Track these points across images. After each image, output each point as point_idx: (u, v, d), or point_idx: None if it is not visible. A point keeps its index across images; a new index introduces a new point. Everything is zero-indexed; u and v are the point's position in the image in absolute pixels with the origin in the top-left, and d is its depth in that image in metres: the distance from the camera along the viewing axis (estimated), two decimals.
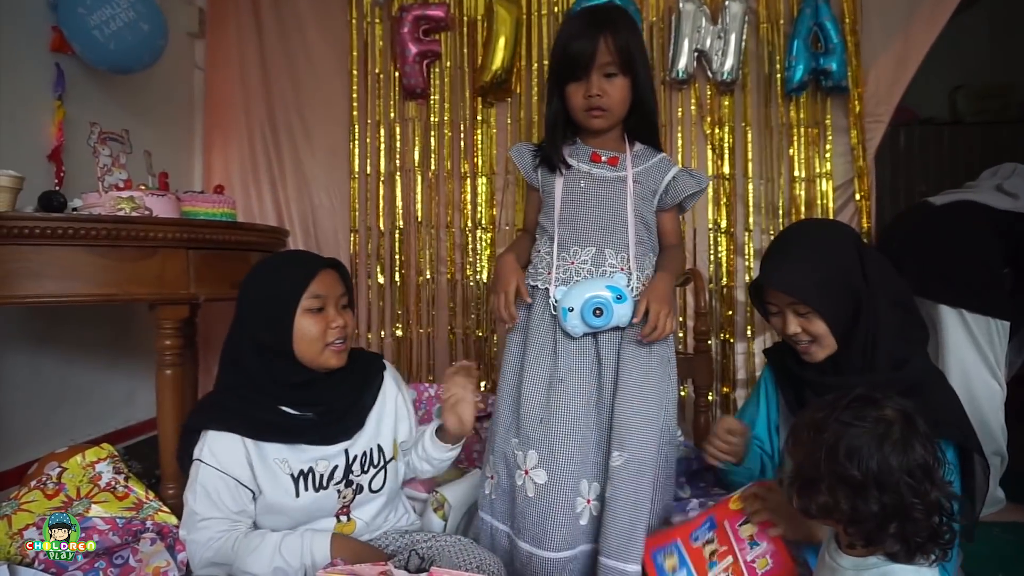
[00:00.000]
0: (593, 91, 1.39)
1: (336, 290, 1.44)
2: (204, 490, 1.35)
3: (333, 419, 1.45)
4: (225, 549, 1.34)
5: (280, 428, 1.40)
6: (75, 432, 2.30)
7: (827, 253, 1.30)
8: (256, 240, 2.07)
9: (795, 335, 1.31)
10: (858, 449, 0.86)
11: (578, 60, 1.38)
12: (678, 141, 2.98)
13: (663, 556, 1.26)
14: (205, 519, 1.35)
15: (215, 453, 1.37)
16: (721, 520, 1.21)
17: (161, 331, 1.79)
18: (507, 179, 3.01)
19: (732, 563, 1.13)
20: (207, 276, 1.86)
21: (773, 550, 1.11)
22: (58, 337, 2.30)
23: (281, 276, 1.43)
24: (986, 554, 1.92)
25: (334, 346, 1.41)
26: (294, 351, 1.39)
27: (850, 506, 0.87)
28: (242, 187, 3.07)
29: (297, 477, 1.39)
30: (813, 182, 2.94)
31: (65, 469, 1.71)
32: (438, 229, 3.03)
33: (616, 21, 1.41)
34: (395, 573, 1.03)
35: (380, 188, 3.04)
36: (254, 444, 1.38)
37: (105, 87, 2.44)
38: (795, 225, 1.60)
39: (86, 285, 1.66)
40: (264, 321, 1.40)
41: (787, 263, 1.31)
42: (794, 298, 1.27)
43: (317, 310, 1.39)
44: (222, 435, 1.37)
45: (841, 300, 1.27)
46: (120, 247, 1.68)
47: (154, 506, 1.74)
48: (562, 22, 1.55)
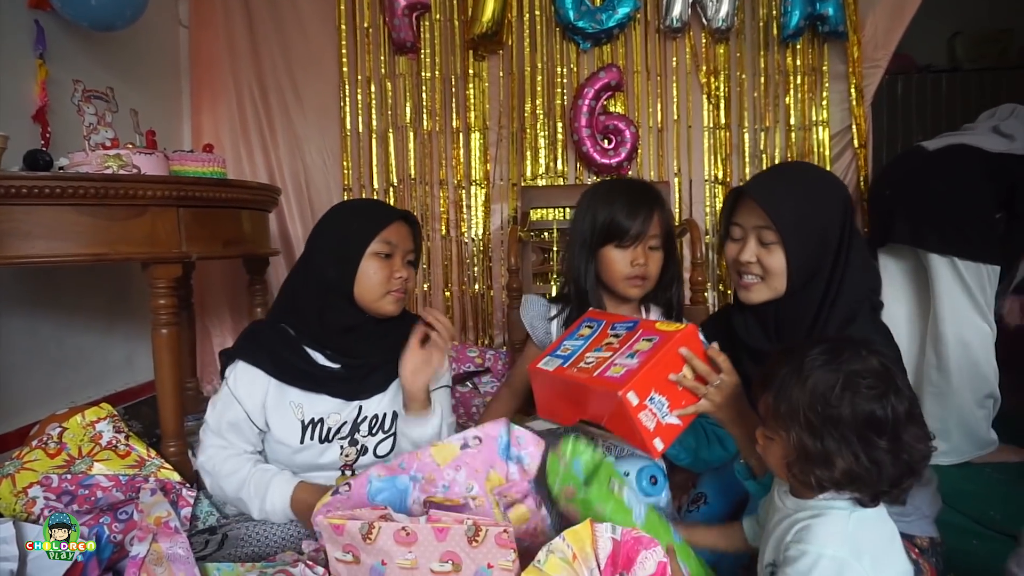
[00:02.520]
0: (640, 260, 1.44)
1: (406, 243, 1.45)
2: (220, 409, 1.43)
3: (360, 375, 1.46)
4: (213, 463, 1.42)
5: (305, 375, 1.42)
6: (75, 395, 2.31)
7: (817, 196, 1.24)
8: (248, 198, 2.05)
9: (747, 264, 1.24)
10: (827, 389, 0.88)
11: (630, 228, 1.43)
12: (673, 91, 2.94)
13: (586, 324, 1.31)
14: (212, 432, 1.44)
15: (238, 382, 1.42)
16: (640, 328, 1.21)
17: (155, 290, 1.78)
18: (500, 133, 2.98)
19: (606, 357, 1.16)
20: (199, 234, 1.85)
21: (632, 369, 1.09)
22: (54, 301, 2.30)
23: (356, 216, 1.45)
24: (979, 493, 1.96)
25: (394, 294, 1.42)
26: (354, 292, 1.40)
27: (822, 454, 0.88)
28: (232, 148, 3.03)
29: (306, 424, 1.42)
30: (809, 130, 2.90)
31: (66, 429, 1.73)
32: (432, 186, 3.00)
33: (663, 200, 1.50)
34: (395, 516, 1.04)
35: (372, 146, 3.01)
36: (277, 384, 1.42)
37: (87, 45, 2.39)
38: (797, 162, 1.57)
39: (76, 245, 1.64)
40: (332, 257, 1.41)
41: (777, 186, 1.25)
42: (768, 221, 1.20)
43: (385, 256, 1.41)
44: (250, 368, 1.41)
45: (811, 245, 1.21)
46: (109, 206, 1.66)
47: (156, 463, 1.76)
48: (603, 190, 1.55)
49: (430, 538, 1.01)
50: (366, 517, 1.04)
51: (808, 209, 1.21)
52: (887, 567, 0.92)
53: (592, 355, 1.19)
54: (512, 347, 2.37)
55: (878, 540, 0.92)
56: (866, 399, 0.88)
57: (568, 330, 1.32)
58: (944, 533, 1.32)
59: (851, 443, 0.88)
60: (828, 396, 0.89)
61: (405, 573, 1.03)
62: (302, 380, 1.43)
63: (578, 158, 2.95)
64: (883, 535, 0.94)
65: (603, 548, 1.00)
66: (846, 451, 0.88)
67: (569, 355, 1.23)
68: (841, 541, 0.89)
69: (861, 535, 0.90)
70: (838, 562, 0.88)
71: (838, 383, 0.89)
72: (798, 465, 0.92)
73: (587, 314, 1.34)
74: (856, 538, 0.90)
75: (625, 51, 2.94)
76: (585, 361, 1.19)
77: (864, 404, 0.88)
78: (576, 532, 1.01)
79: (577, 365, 1.19)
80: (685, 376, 1.12)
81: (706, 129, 2.95)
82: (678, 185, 2.96)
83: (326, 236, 1.46)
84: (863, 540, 0.90)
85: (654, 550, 0.99)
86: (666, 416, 1.10)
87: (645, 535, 1.00)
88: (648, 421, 1.08)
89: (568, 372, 1.18)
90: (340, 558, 1.06)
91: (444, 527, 1.01)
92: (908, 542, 1.18)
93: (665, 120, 2.96)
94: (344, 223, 1.45)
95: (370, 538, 1.03)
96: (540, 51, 2.95)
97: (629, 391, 1.07)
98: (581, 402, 1.18)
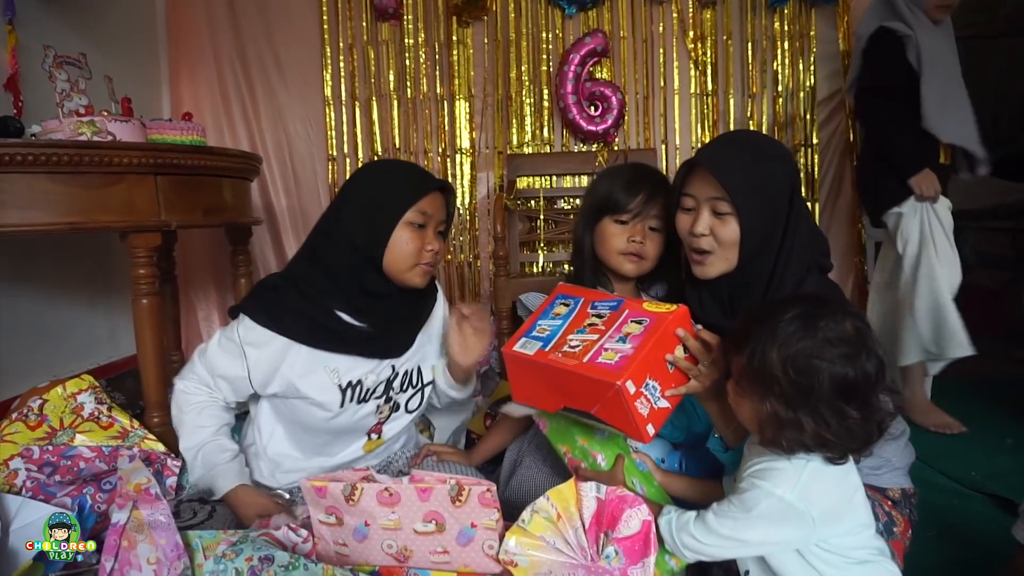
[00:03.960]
0: (637, 237, 1.41)
1: (440, 214, 1.40)
2: (221, 354, 1.38)
3: (389, 333, 1.43)
4: (187, 402, 1.40)
5: (336, 335, 1.37)
6: (57, 369, 2.29)
7: (768, 164, 1.23)
8: (228, 166, 2.01)
9: (701, 236, 1.23)
10: (804, 355, 0.88)
11: (628, 203, 1.40)
12: (659, 57, 2.90)
13: (561, 301, 1.23)
14: (204, 369, 1.40)
15: (249, 337, 1.36)
16: (625, 308, 1.15)
17: (134, 260, 1.75)
18: (485, 101, 2.94)
19: (592, 340, 1.09)
20: (177, 203, 1.81)
21: (628, 355, 1.04)
22: (34, 274, 2.26)
23: (393, 182, 1.38)
24: (957, 454, 1.98)
25: (423, 267, 1.38)
26: (383, 260, 1.35)
27: (792, 414, 0.89)
28: (213, 119, 2.98)
29: (344, 388, 1.38)
30: (797, 96, 2.88)
31: (46, 401, 1.71)
32: (417, 155, 2.96)
33: (667, 185, 1.44)
34: (377, 477, 1.03)
35: (356, 115, 2.96)
36: (308, 350, 1.36)
37: (58, 11, 2.32)
38: (744, 130, 1.56)
39: (50, 214, 1.60)
40: (364, 221, 1.35)
41: (729, 156, 1.23)
42: (722, 191, 1.19)
43: (418, 226, 1.36)
44: (265, 331, 1.35)
45: (763, 214, 1.20)
46: (84, 174, 1.62)
47: (140, 434, 1.75)
48: (613, 168, 1.52)
49: (413, 498, 1.01)
50: (348, 479, 1.03)
51: (760, 178, 1.20)
52: (841, 522, 0.93)
53: (576, 338, 1.13)
54: (499, 316, 2.36)
55: (836, 494, 0.93)
56: (841, 368, 0.88)
57: (541, 307, 1.24)
58: (924, 493, 1.33)
59: (823, 412, 0.88)
60: (802, 366, 0.88)
61: (388, 534, 1.03)
62: (335, 342, 1.38)
63: (564, 125, 2.92)
64: (843, 490, 0.94)
65: (588, 507, 1.01)
66: (819, 419, 0.88)
67: (548, 336, 1.15)
68: (792, 486, 0.90)
69: (815, 486, 0.91)
70: (784, 504, 0.90)
71: (812, 353, 0.88)
72: (770, 428, 0.92)
73: (558, 289, 1.26)
74: (809, 488, 0.90)
75: (611, 16, 2.90)
76: (569, 344, 1.11)
77: (839, 373, 0.88)
78: (560, 492, 1.01)
79: (560, 349, 1.11)
80: (679, 357, 1.10)
81: (693, 95, 2.93)
82: (664, 152, 2.94)
83: (359, 197, 1.38)
84: (816, 491, 0.91)
85: (638, 508, 0.99)
86: (658, 400, 1.07)
87: (629, 494, 1.00)
88: (643, 408, 1.04)
89: (552, 357, 1.10)
90: (323, 520, 1.06)
91: (427, 487, 1.00)
92: (880, 495, 1.19)
93: (651, 87, 2.93)
94: (380, 187, 1.38)
95: (353, 499, 1.02)
96: (525, 17, 2.91)
97: (627, 379, 1.02)
98: (566, 389, 1.11)
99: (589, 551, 0.99)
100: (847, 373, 0.87)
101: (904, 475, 1.24)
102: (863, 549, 0.94)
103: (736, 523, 0.93)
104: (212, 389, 1.40)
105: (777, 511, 0.90)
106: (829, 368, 0.87)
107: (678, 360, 1.09)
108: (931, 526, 1.54)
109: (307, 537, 1.09)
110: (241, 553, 0.98)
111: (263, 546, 1.00)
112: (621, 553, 0.98)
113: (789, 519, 0.90)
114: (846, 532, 0.93)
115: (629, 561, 0.98)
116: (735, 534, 0.93)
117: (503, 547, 0.99)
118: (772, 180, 1.21)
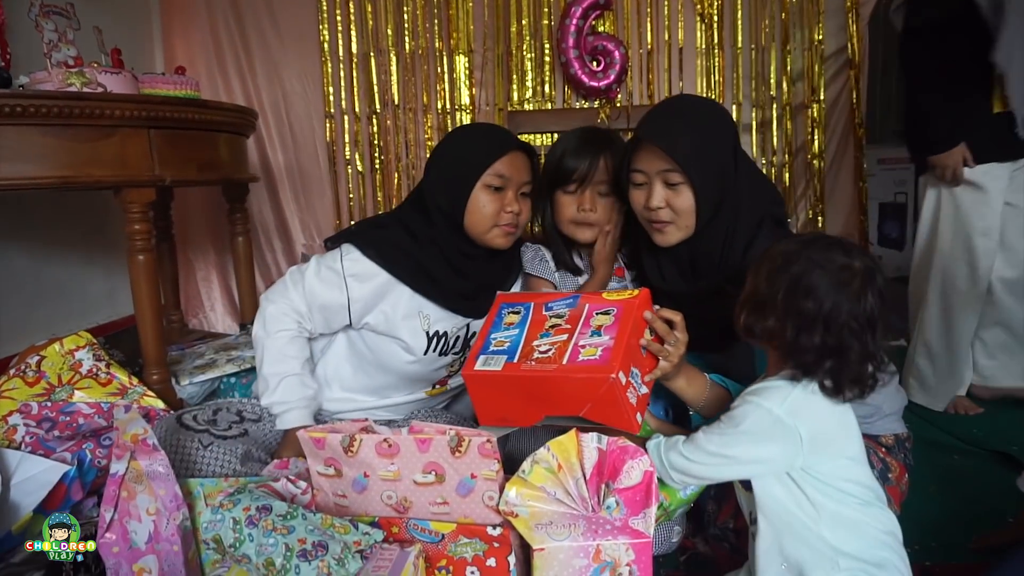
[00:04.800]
0: (586, 205, 1.41)
1: (521, 176, 1.39)
2: (311, 283, 1.38)
3: (484, 295, 1.42)
4: (276, 327, 1.38)
5: (437, 285, 1.40)
6: (56, 327, 2.27)
7: (710, 127, 1.25)
8: (223, 120, 1.97)
9: (657, 209, 1.24)
10: (817, 288, 0.90)
11: (574, 173, 1.41)
12: (664, 10, 2.83)
13: (508, 310, 1.18)
14: (299, 297, 1.39)
15: (355, 268, 1.37)
16: (584, 302, 1.13)
17: (129, 216, 1.72)
18: (485, 56, 2.87)
19: (563, 340, 1.06)
20: (172, 158, 1.78)
21: (609, 346, 1.01)
22: (28, 233, 2.23)
23: (471, 145, 1.40)
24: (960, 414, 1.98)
25: (503, 228, 1.38)
26: (464, 222, 1.37)
27: (794, 335, 0.91)
28: (208, 76, 2.92)
29: (431, 336, 1.42)
30: (806, 50, 2.82)
31: (44, 357, 1.70)
32: (416, 112, 2.91)
33: (615, 143, 1.44)
34: (376, 428, 1.02)
35: (354, 70, 2.90)
36: (411, 293, 1.39)
37: None
38: (678, 96, 1.55)
39: (41, 167, 1.57)
40: (444, 184, 1.38)
41: (673, 126, 1.24)
42: (672, 162, 1.20)
43: (496, 189, 1.36)
44: (372, 265, 1.37)
45: (713, 178, 1.22)
46: (75, 126, 1.58)
47: (139, 391, 1.75)
48: (562, 136, 1.50)
49: (412, 449, 1.00)
50: (347, 430, 1.02)
51: (705, 143, 1.22)
52: (830, 448, 0.93)
53: (543, 342, 1.07)
54: None
55: (827, 419, 0.93)
56: (859, 301, 0.90)
57: (488, 321, 1.18)
58: (925, 450, 1.33)
59: (845, 338, 0.90)
60: (821, 299, 0.90)
61: (388, 485, 1.02)
62: (435, 293, 1.41)
63: (566, 81, 2.85)
64: (836, 418, 0.94)
65: (589, 458, 1.00)
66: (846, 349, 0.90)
67: (510, 348, 1.09)
68: (781, 401, 0.92)
69: (806, 406, 0.92)
70: (772, 418, 0.91)
71: (809, 268, 0.92)
72: (784, 347, 0.94)
73: (499, 299, 1.22)
74: (799, 406, 0.92)
75: None
76: (539, 351, 1.06)
77: (858, 306, 0.90)
78: (561, 442, 1.00)
79: (531, 357, 1.05)
80: (649, 340, 1.09)
81: (698, 50, 2.86)
82: None
83: (441, 160, 1.42)
84: (806, 411, 0.92)
85: (640, 459, 0.98)
86: (641, 387, 1.06)
87: (631, 444, 0.99)
88: (632, 397, 1.03)
89: (524, 368, 1.04)
90: (322, 472, 1.05)
91: (427, 438, 0.99)
92: (873, 442, 1.19)
93: (656, 41, 2.86)
94: (458, 150, 1.41)
95: (352, 451, 1.01)
96: None
97: (619, 371, 0.99)
98: (547, 398, 1.06)
99: (590, 502, 0.99)
100: (849, 304, 0.90)
101: (896, 420, 1.25)
102: (858, 486, 0.93)
103: (723, 438, 0.95)
104: (304, 320, 1.40)
105: (765, 425, 0.92)
106: (836, 296, 0.90)
107: (650, 344, 1.09)
108: (931, 481, 1.54)
109: (306, 488, 1.08)
110: (239, 503, 0.97)
111: (261, 496, 0.99)
112: (622, 504, 0.97)
113: (776, 435, 0.91)
114: (834, 459, 0.93)
115: (630, 512, 0.97)
116: (722, 450, 0.95)
117: (503, 498, 0.98)
118: (716, 142, 1.24)
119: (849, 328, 0.90)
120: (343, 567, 0.91)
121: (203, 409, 1.40)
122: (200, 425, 1.33)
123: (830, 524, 0.91)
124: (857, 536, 0.91)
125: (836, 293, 0.90)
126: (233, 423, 1.38)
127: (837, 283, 0.90)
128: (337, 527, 0.96)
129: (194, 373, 1.99)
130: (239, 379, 2.01)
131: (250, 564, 0.95)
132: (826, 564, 0.90)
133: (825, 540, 0.91)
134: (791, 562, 0.93)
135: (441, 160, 1.42)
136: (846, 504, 0.92)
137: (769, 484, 0.95)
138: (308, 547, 0.92)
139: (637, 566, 0.97)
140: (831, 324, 0.90)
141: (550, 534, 0.97)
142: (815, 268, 0.91)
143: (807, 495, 0.92)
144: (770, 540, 0.94)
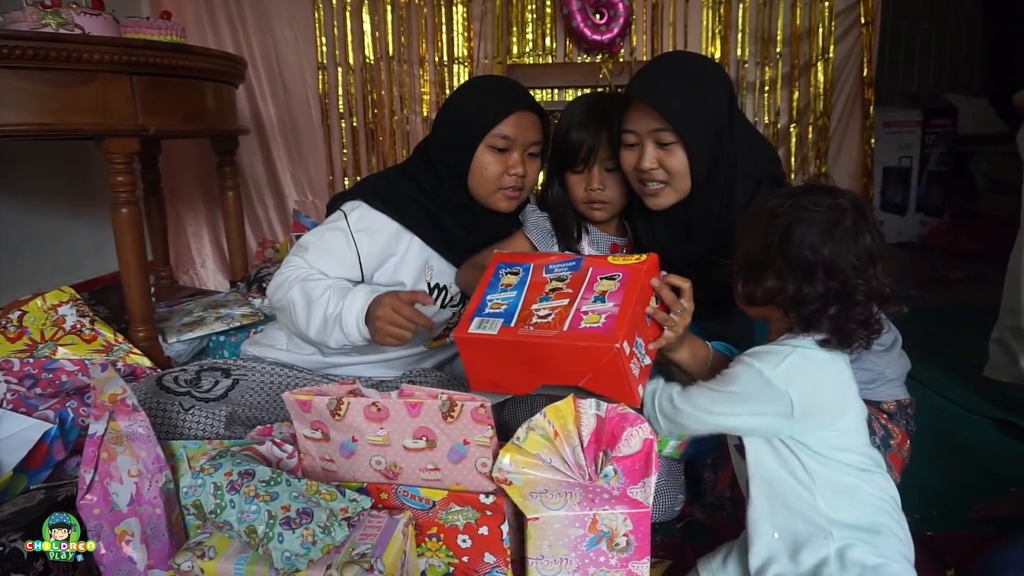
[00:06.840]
0: (594, 184, 1.33)
1: (528, 136, 1.32)
2: (327, 240, 1.32)
3: (490, 250, 1.39)
4: (296, 274, 1.28)
5: (443, 236, 1.37)
6: (41, 282, 2.21)
7: (704, 85, 1.18)
8: (209, 67, 1.89)
9: (650, 171, 1.18)
10: (811, 234, 0.88)
11: (579, 153, 1.32)
12: None
13: (506, 270, 1.11)
14: (312, 255, 1.31)
15: (362, 223, 1.32)
16: (588, 265, 1.06)
17: (112, 167, 1.66)
18: (484, 6, 2.77)
19: (564, 305, 0.99)
20: (156, 106, 1.71)
21: (613, 314, 0.95)
22: (9, 184, 2.16)
23: (478, 103, 1.33)
24: (966, 382, 1.95)
25: (507, 191, 1.33)
26: (468, 182, 1.33)
27: (796, 287, 0.88)
28: (196, 24, 2.82)
29: (432, 287, 1.40)
30: (814, 5, 2.72)
31: (26, 312, 1.65)
32: (411, 64, 2.82)
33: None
34: (364, 391, 0.98)
35: (347, 19, 2.80)
36: (420, 244, 1.36)
37: None
38: (672, 53, 1.46)
39: (16, 113, 1.50)
40: (450, 142, 1.33)
41: (665, 84, 1.17)
42: (663, 121, 1.14)
43: (500, 150, 1.30)
44: (380, 216, 1.33)
45: (707, 137, 1.17)
46: (51, 70, 1.51)
47: (124, 348, 1.71)
48: (566, 108, 1.38)
49: (402, 414, 0.95)
50: (334, 392, 0.98)
51: (698, 101, 1.16)
52: (821, 416, 0.90)
53: (543, 306, 1.01)
54: None
55: (823, 386, 0.91)
56: (855, 238, 0.88)
57: (483, 281, 1.10)
58: (933, 419, 1.29)
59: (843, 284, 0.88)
60: (818, 244, 0.88)
61: (377, 450, 0.98)
62: (441, 244, 1.37)
63: (568, 34, 2.76)
64: (833, 386, 0.92)
65: (587, 425, 0.96)
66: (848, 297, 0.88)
67: (508, 311, 1.02)
68: (775, 364, 0.89)
69: (800, 371, 0.89)
70: (762, 380, 0.89)
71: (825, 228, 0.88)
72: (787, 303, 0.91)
73: (496, 258, 1.14)
74: (793, 370, 0.89)
75: None
76: (538, 315, 1.00)
77: (855, 243, 0.88)
78: (558, 408, 0.96)
79: (529, 322, 0.99)
80: (656, 310, 1.03)
81: (704, 4, 2.76)
82: None
83: (448, 116, 1.36)
84: (799, 377, 0.89)
85: (640, 427, 0.94)
86: (644, 358, 1.00)
87: (631, 412, 0.95)
88: (635, 368, 0.97)
89: (522, 332, 0.98)
90: (308, 435, 1.01)
91: (417, 402, 0.95)
92: (875, 409, 1.17)
93: None
94: (465, 107, 1.34)
95: (339, 414, 0.97)
96: None
97: (623, 340, 0.93)
98: (544, 365, 1.00)
99: (587, 470, 0.95)
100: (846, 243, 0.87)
101: (899, 386, 1.22)
102: (854, 454, 0.90)
103: (713, 395, 0.93)
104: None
105: (755, 387, 0.89)
106: (831, 238, 0.87)
107: (656, 312, 1.02)
108: (932, 449, 1.52)
109: (292, 452, 1.04)
110: (220, 468, 0.93)
111: (244, 460, 0.95)
112: (620, 472, 0.94)
113: (766, 398, 0.89)
114: (826, 427, 0.90)
115: (629, 481, 0.94)
116: (710, 406, 0.93)
117: (497, 465, 0.94)
118: (710, 100, 1.18)
119: (852, 267, 0.87)
120: (329, 535, 0.88)
121: (185, 370, 1.35)
122: (181, 387, 1.28)
123: (824, 492, 0.88)
124: (853, 503, 0.88)
125: (830, 235, 0.87)
126: (219, 380, 1.33)
127: (830, 225, 0.88)
128: (323, 494, 0.93)
129: (182, 331, 1.94)
130: (228, 337, 1.97)
131: (232, 531, 0.91)
132: (819, 533, 0.88)
133: (819, 509, 0.88)
134: (783, 532, 0.90)
135: (447, 116, 1.37)
136: (841, 471, 0.90)
137: (762, 452, 0.92)
138: (292, 515, 0.88)
139: (635, 536, 0.94)
140: (832, 268, 0.87)
141: (545, 503, 0.93)
142: (804, 215, 0.88)
143: (801, 462, 0.90)
144: (762, 510, 0.92)
